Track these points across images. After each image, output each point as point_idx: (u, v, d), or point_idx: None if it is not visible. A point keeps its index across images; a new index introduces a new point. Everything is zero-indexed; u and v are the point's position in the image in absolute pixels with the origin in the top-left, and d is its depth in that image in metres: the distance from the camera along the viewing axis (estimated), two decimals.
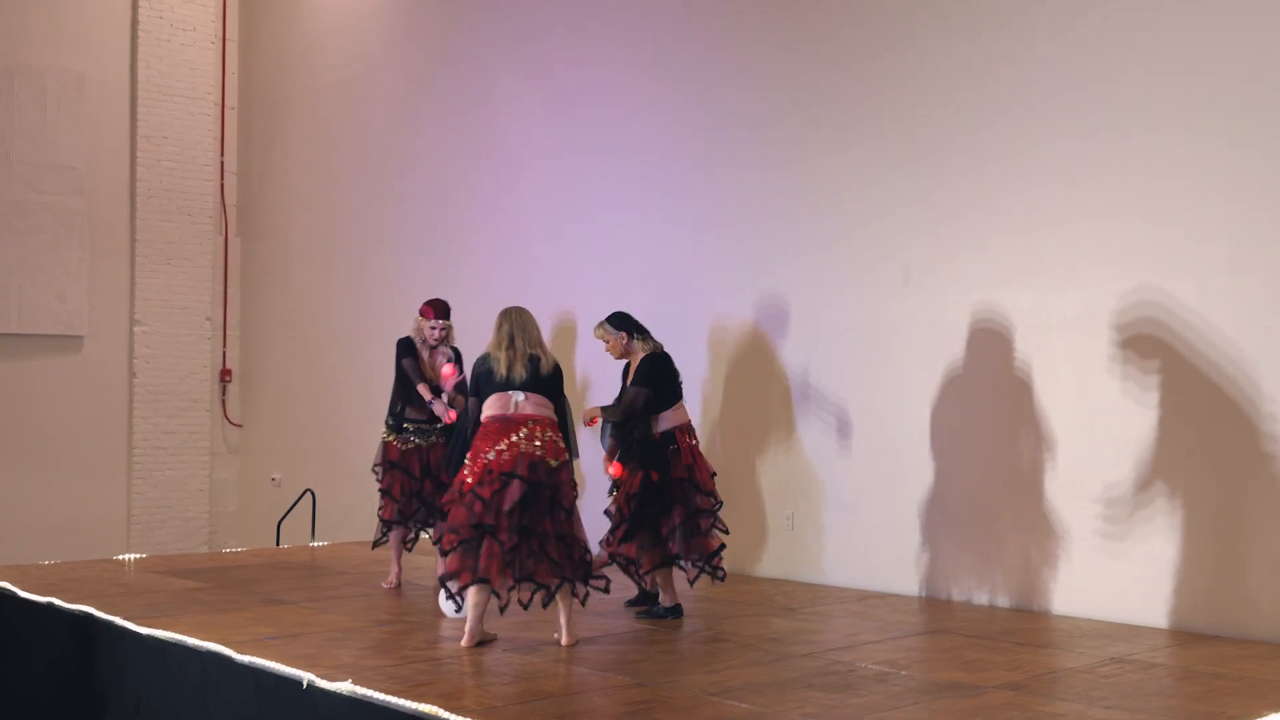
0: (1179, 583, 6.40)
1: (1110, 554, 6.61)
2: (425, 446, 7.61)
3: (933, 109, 7.43)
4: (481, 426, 5.99)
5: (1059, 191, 6.87)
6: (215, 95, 12.53)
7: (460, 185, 10.55)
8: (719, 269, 8.55)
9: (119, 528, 11.83)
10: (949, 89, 7.36)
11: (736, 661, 5.62)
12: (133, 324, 12.00)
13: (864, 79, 7.76)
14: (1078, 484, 6.75)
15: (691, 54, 8.75)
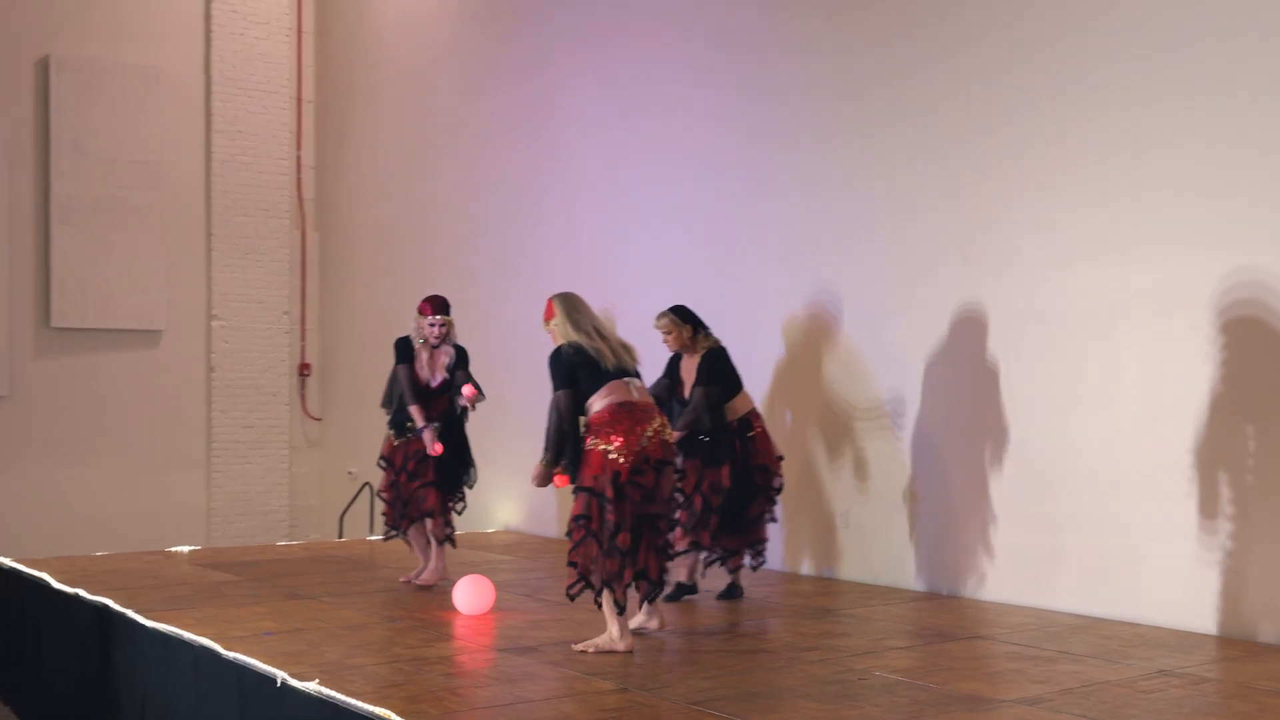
0: (1250, 590, 5.82)
1: (1180, 558, 6.05)
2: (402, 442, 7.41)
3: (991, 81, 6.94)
4: (604, 415, 5.62)
5: (1126, 162, 6.33)
6: (289, 89, 12.53)
7: (517, 171, 10.32)
8: (771, 251, 8.16)
9: (199, 520, 11.90)
10: (1008, 58, 6.86)
11: (740, 667, 5.26)
12: (210, 318, 12.05)
13: (921, 52, 7.29)
14: (1147, 480, 6.20)
15: (744, 31, 8.37)
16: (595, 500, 5.57)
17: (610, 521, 5.53)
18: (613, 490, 5.55)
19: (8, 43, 11.16)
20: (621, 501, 5.56)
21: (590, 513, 5.57)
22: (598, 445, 5.62)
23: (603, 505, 5.56)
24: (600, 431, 5.64)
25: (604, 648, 5.54)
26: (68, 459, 11.25)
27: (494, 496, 10.46)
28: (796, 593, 7.24)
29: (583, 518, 5.58)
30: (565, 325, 5.83)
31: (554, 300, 5.94)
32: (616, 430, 5.63)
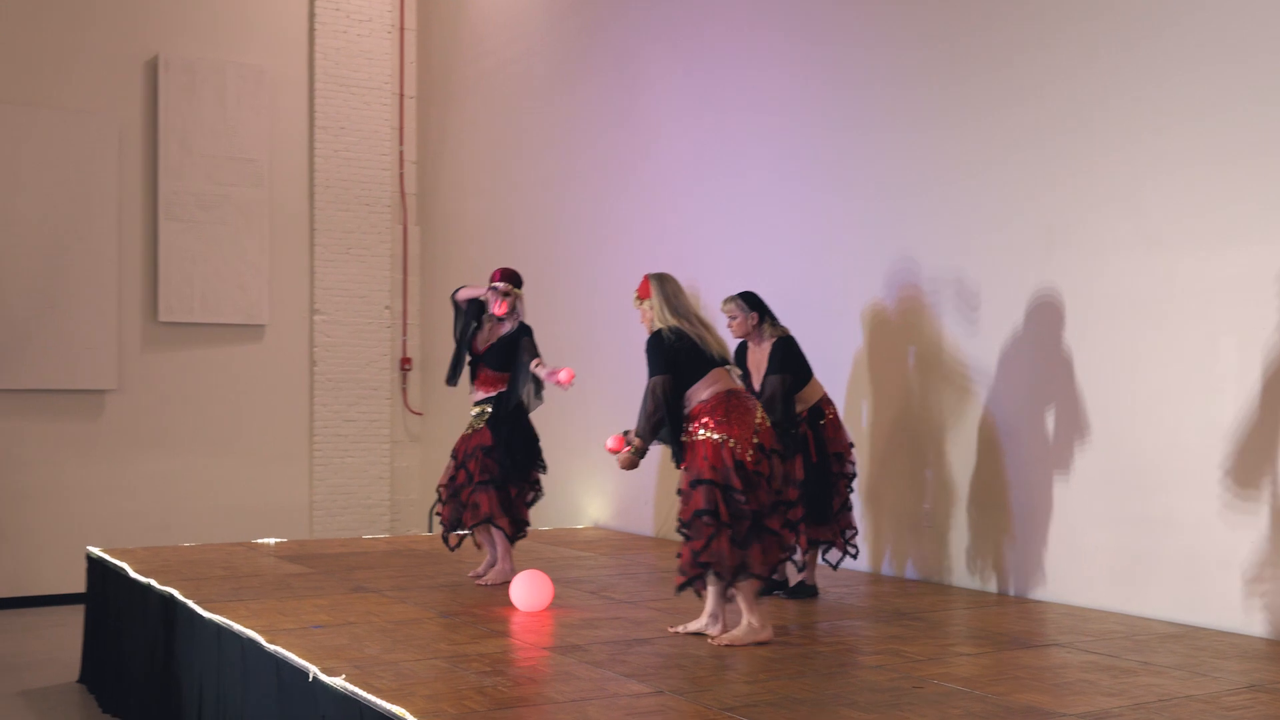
0: None
1: None
2: (469, 433, 7.26)
3: (1080, 67, 6.53)
4: (713, 404, 5.47)
5: (1219, 141, 5.89)
6: (391, 85, 12.57)
7: (606, 160, 10.15)
8: (854, 239, 7.84)
9: (302, 514, 11.99)
10: (1098, 44, 6.45)
11: (790, 671, 4.99)
12: (313, 313, 12.14)
13: (1009, 38, 6.91)
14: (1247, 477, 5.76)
15: (830, 16, 8.06)
16: (718, 491, 5.39)
17: (748, 512, 5.38)
18: (740, 480, 5.39)
19: (118, 44, 11.38)
20: (753, 491, 5.41)
21: (714, 506, 5.39)
22: (710, 436, 5.45)
23: (729, 496, 5.39)
24: (710, 421, 5.47)
25: (745, 640, 5.40)
26: (173, 451, 11.43)
27: (584, 492, 10.32)
28: (873, 594, 6.93)
29: (706, 512, 5.39)
30: (662, 308, 5.66)
31: (651, 280, 5.75)
32: (730, 420, 5.47)
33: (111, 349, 11.15)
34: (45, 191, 10.94)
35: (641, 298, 5.78)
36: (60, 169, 11.00)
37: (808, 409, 6.70)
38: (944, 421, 7.23)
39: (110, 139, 11.23)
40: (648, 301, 5.73)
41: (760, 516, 5.50)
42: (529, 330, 7.17)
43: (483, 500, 7.08)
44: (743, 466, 5.47)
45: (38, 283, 10.86)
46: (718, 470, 5.45)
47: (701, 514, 5.43)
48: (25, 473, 10.81)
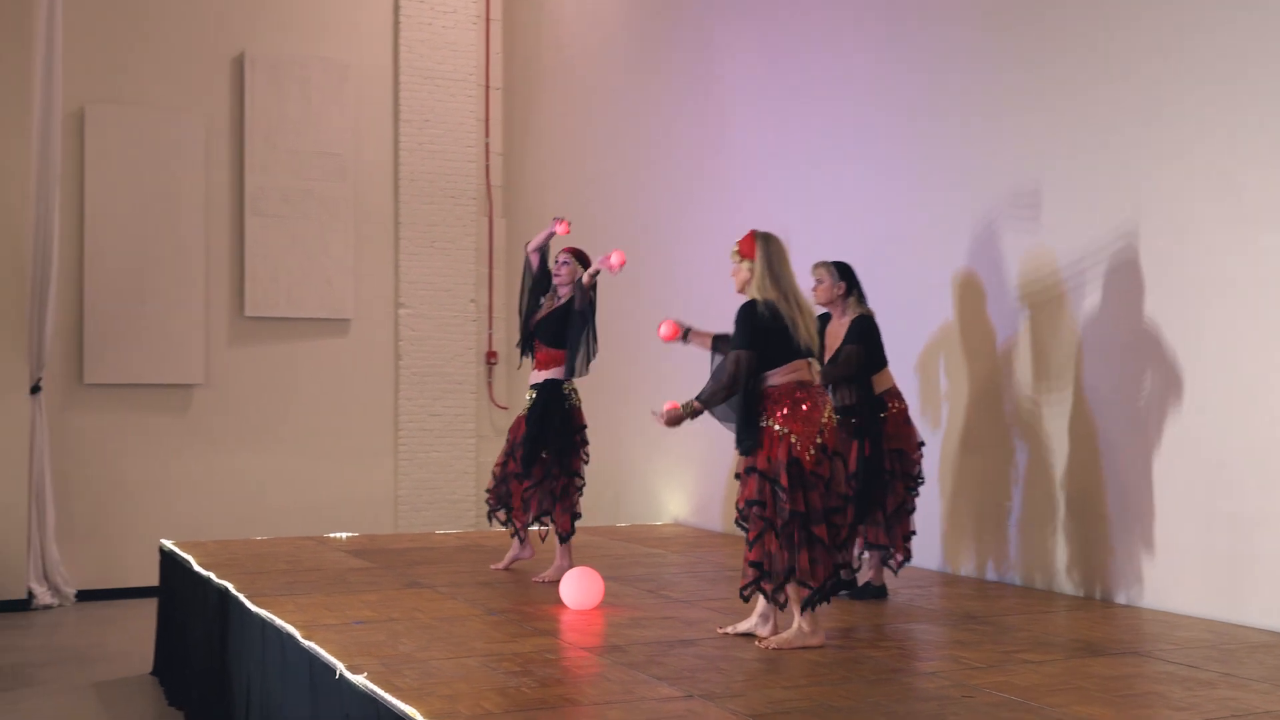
0: None
1: None
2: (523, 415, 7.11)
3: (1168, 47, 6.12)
4: (782, 394, 5.20)
5: None
6: (476, 77, 12.48)
7: (684, 147, 9.91)
8: (932, 227, 7.49)
9: (387, 508, 11.97)
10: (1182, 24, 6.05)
11: (835, 676, 4.71)
12: (398, 307, 12.11)
13: (1091, 21, 6.51)
14: None
15: None
16: (769, 485, 5.16)
17: (786, 510, 5.13)
18: (787, 477, 5.15)
19: (205, 41, 11.47)
20: (802, 492, 5.16)
21: (764, 498, 5.15)
22: (773, 426, 5.20)
23: (776, 492, 5.15)
24: (777, 411, 5.21)
25: (794, 644, 5.15)
26: (259, 446, 11.49)
27: (665, 487, 10.10)
28: (947, 595, 6.59)
29: (757, 503, 5.16)
30: (764, 275, 5.26)
31: (757, 239, 5.34)
32: (796, 414, 5.21)
33: (199, 344, 11.24)
34: (134, 189, 11.06)
35: (743, 255, 5.34)
36: (149, 166, 11.12)
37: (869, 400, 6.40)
38: (1029, 412, 6.85)
39: (197, 136, 11.32)
40: (748, 262, 5.32)
41: (808, 520, 5.20)
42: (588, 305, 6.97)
43: (533, 501, 6.93)
44: (797, 465, 5.20)
45: (127, 279, 10.98)
46: (772, 463, 5.20)
47: (753, 504, 5.20)
48: (115, 466, 10.94)
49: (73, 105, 10.85)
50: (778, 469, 5.18)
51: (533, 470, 6.97)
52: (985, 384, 7.13)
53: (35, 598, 10.23)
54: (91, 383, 10.88)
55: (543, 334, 7.04)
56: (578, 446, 7.03)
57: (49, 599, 10.29)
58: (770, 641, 5.21)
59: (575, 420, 7.05)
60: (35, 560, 10.30)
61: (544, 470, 6.96)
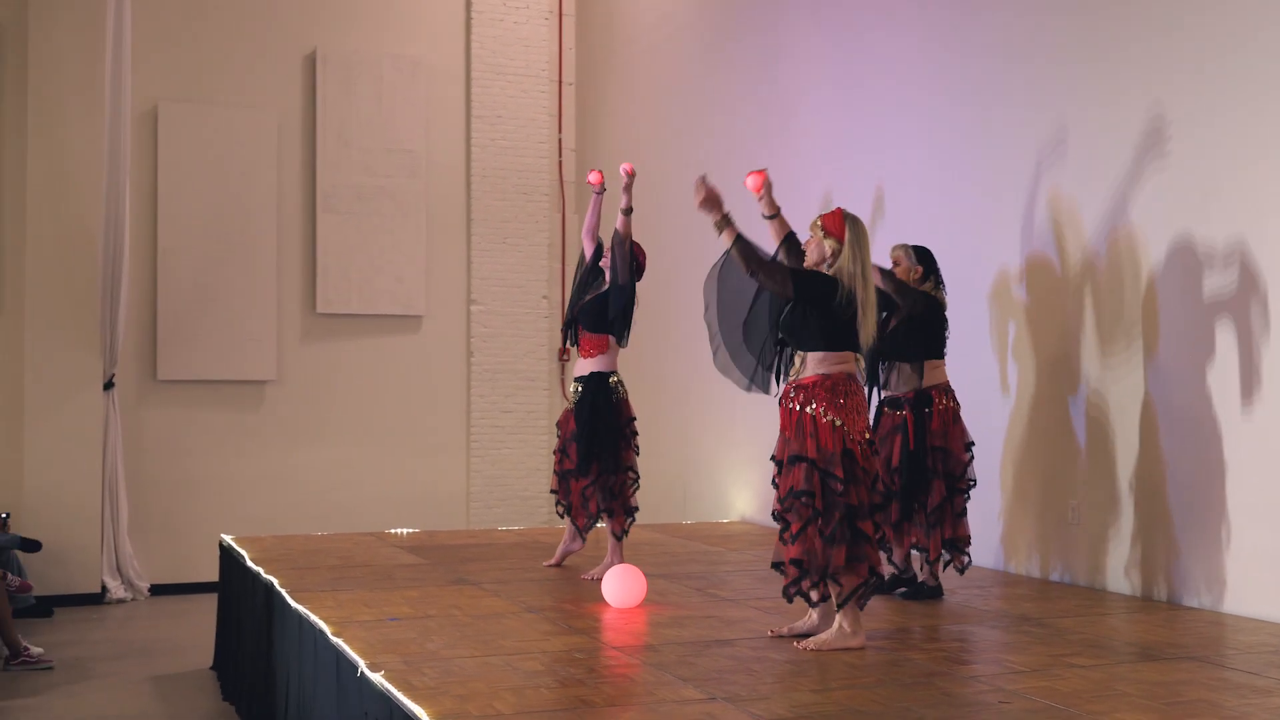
0: None
1: None
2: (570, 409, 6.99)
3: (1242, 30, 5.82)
4: (834, 383, 5.04)
5: None
6: (549, 71, 12.41)
7: (752, 137, 9.72)
8: (1001, 210, 7.22)
9: (459, 504, 11.95)
10: None
11: (868, 679, 4.52)
12: (469, 303, 12.08)
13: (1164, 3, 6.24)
14: None
15: None
16: (818, 475, 4.98)
17: (841, 504, 4.97)
18: (844, 470, 4.98)
19: (278, 39, 11.54)
20: (854, 485, 5.01)
21: (813, 488, 4.98)
22: (822, 414, 5.03)
23: (827, 484, 4.97)
24: (829, 399, 5.04)
25: (834, 645, 4.98)
26: (331, 442, 11.53)
27: (733, 485, 9.93)
28: (1006, 596, 6.33)
29: (805, 494, 4.97)
30: (851, 260, 5.08)
31: (847, 220, 5.16)
32: (850, 405, 5.06)
33: (271, 340, 11.31)
34: (207, 187, 11.17)
35: (828, 232, 5.15)
36: (222, 164, 11.22)
37: (914, 391, 6.17)
38: (1095, 406, 6.56)
39: (270, 134, 11.40)
40: (833, 241, 5.13)
41: (855, 515, 5.04)
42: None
43: (592, 499, 6.82)
44: (851, 456, 5.05)
45: (200, 276, 11.09)
46: (824, 452, 5.02)
47: (799, 495, 5.01)
48: (189, 462, 11.06)
49: (146, 104, 10.98)
50: (831, 460, 5.00)
51: (589, 467, 6.85)
52: (1049, 376, 6.85)
53: (109, 591, 10.37)
54: (165, 379, 11.01)
55: (585, 318, 6.92)
56: (629, 439, 6.90)
57: (122, 593, 10.43)
58: (810, 643, 5.03)
59: (624, 412, 6.93)
60: (109, 554, 10.45)
61: (600, 466, 6.84)
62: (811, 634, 5.20)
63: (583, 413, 6.83)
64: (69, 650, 8.62)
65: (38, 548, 9.94)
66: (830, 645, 5.00)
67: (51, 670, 8.04)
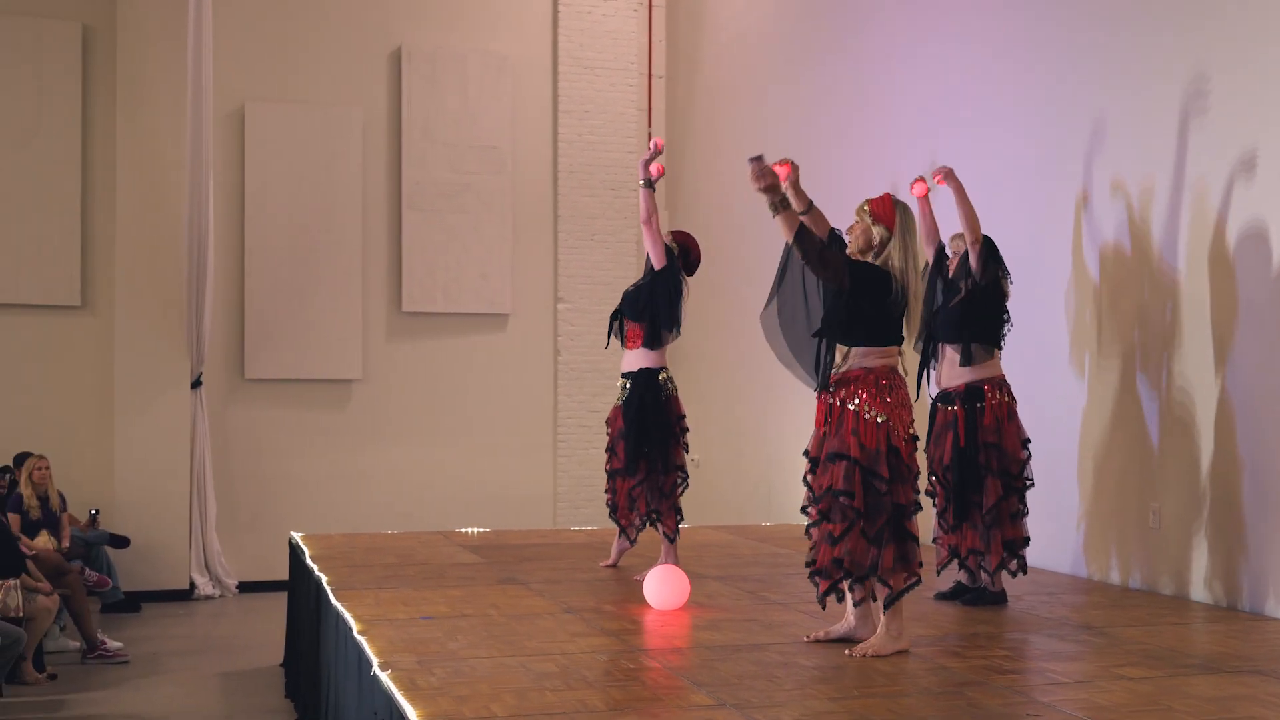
0: None
1: None
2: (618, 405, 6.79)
3: None
4: (879, 377, 4.83)
5: None
6: (636, 65, 12.26)
7: (841, 126, 9.44)
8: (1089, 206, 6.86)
9: (545, 505, 11.86)
10: None
11: (896, 689, 4.27)
12: (556, 301, 11.99)
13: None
14: None
15: None
16: (859, 473, 4.76)
17: (887, 504, 4.76)
18: (888, 469, 4.77)
19: (364, 36, 11.59)
20: (899, 483, 4.80)
21: (853, 488, 4.76)
22: (866, 410, 4.81)
23: (869, 483, 4.75)
24: (873, 395, 4.82)
25: (884, 650, 4.74)
26: (417, 441, 11.53)
27: None
28: (1074, 604, 5.98)
29: (845, 494, 4.76)
30: (903, 250, 4.88)
31: (897, 208, 4.93)
32: (896, 400, 4.84)
33: (356, 339, 11.36)
34: (294, 186, 11.25)
35: (877, 218, 4.92)
36: (308, 163, 11.29)
37: (966, 385, 5.85)
38: (1180, 405, 6.18)
39: (355, 131, 11.45)
40: (881, 228, 4.90)
41: (901, 515, 4.80)
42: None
43: (641, 497, 6.64)
44: (896, 454, 4.82)
45: (286, 275, 11.18)
46: (866, 450, 4.78)
47: (839, 494, 4.78)
48: (275, 460, 11.15)
49: (233, 104, 11.11)
50: (875, 458, 4.77)
51: (637, 467, 6.68)
52: (1125, 373, 6.48)
53: (196, 588, 10.51)
54: (252, 378, 11.12)
55: (628, 307, 6.74)
56: (678, 438, 6.71)
57: (210, 589, 10.56)
58: (858, 650, 4.78)
59: (674, 410, 6.73)
60: (197, 551, 10.58)
61: (648, 466, 6.67)
62: (849, 638, 4.98)
63: (630, 410, 6.66)
64: (149, 645, 8.72)
65: (126, 544, 10.11)
66: (880, 651, 4.76)
67: (127, 664, 8.13)
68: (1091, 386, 6.71)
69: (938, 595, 6.01)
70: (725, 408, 11.20)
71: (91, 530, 9.96)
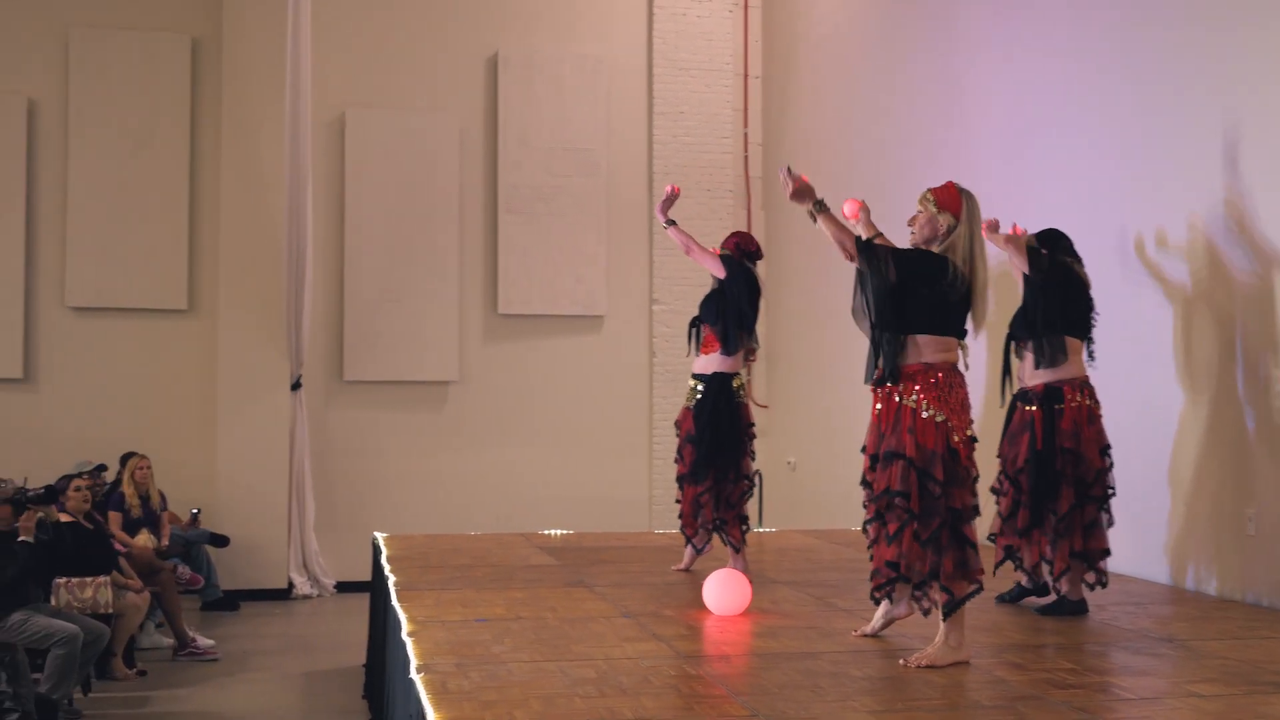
0: None
1: None
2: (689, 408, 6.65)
3: None
4: (937, 374, 4.66)
5: None
6: (733, 66, 12.11)
7: (929, 124, 9.18)
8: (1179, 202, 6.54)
9: (641, 508, 11.76)
10: None
11: (939, 701, 4.08)
12: (652, 303, 11.89)
13: None
14: None
15: None
16: (915, 474, 4.60)
17: (942, 507, 4.59)
18: (944, 470, 4.59)
19: (460, 43, 11.64)
20: (956, 486, 4.63)
21: (909, 489, 4.59)
22: (924, 407, 4.64)
23: (924, 485, 4.58)
24: (932, 392, 4.65)
25: (942, 660, 4.56)
26: (512, 443, 11.52)
27: None
28: (1161, 614, 5.69)
29: (900, 494, 4.60)
30: (969, 242, 4.69)
31: (963, 196, 4.75)
32: (953, 398, 4.66)
33: (453, 342, 11.40)
34: (392, 191, 11.34)
35: (942, 207, 4.73)
36: (405, 168, 11.37)
37: (1045, 385, 5.60)
38: (1271, 405, 5.83)
39: (451, 136, 11.50)
40: (947, 216, 4.72)
41: (960, 519, 4.61)
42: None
43: (709, 504, 6.51)
44: (955, 456, 4.63)
45: (384, 278, 11.27)
46: (923, 450, 4.60)
47: (894, 495, 4.61)
48: (374, 461, 11.24)
49: (334, 111, 11.25)
50: (931, 460, 4.58)
51: (706, 473, 6.56)
52: (1220, 374, 6.14)
53: (295, 587, 10.63)
54: (351, 379, 11.23)
55: (705, 312, 6.64)
56: (746, 445, 6.57)
57: (308, 589, 10.67)
58: (914, 660, 4.59)
59: (744, 417, 6.59)
60: (295, 551, 10.71)
61: (717, 474, 6.54)
62: (890, 620, 4.98)
63: (703, 414, 6.53)
64: (241, 643, 8.84)
65: (226, 543, 10.27)
66: (939, 661, 4.56)
67: (216, 662, 8.24)
68: (1187, 389, 6.38)
69: (998, 598, 5.78)
70: (818, 409, 10.99)
71: (192, 529, 10.14)
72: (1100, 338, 6.07)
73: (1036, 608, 5.68)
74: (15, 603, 6.76)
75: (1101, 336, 6.12)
